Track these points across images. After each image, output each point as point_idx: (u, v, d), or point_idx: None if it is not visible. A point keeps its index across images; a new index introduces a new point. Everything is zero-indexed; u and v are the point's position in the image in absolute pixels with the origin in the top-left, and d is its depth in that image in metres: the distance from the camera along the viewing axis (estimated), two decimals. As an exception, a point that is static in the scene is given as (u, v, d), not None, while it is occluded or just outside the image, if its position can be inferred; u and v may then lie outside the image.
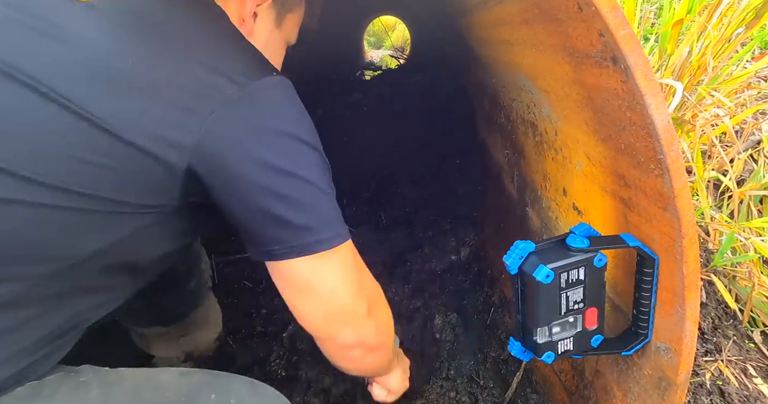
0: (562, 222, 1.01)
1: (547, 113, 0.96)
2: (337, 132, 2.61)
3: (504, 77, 1.22)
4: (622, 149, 0.67)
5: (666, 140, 0.56)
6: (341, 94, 2.91)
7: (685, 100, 1.44)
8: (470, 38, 1.41)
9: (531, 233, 1.21)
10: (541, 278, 0.66)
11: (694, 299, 0.63)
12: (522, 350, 0.76)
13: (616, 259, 0.80)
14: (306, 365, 1.25)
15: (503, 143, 1.47)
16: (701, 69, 1.45)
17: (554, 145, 0.99)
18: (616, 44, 0.55)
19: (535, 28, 0.78)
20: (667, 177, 0.58)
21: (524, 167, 1.25)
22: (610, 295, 0.82)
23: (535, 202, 1.17)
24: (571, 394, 1.00)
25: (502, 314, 1.41)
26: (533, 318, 0.71)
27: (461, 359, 1.36)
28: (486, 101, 1.63)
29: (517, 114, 1.23)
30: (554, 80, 0.83)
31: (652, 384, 0.72)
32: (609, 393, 0.84)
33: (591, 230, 0.74)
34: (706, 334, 1.16)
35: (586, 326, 0.73)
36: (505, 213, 1.45)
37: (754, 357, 1.13)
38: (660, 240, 0.65)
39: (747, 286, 1.21)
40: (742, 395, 1.03)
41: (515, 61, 1.03)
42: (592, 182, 0.84)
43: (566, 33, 0.67)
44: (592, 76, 0.66)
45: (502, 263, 0.71)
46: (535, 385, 1.18)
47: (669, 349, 0.68)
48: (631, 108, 0.60)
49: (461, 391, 1.27)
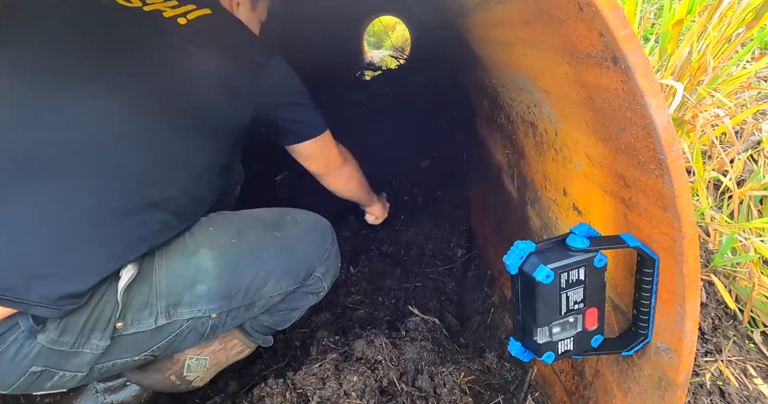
0: (562, 222, 1.01)
1: (548, 113, 0.96)
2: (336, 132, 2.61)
3: (504, 77, 1.22)
4: (623, 150, 0.67)
5: (666, 141, 0.56)
6: (341, 94, 2.92)
7: (685, 100, 1.44)
8: (470, 38, 1.41)
9: (531, 233, 1.21)
10: (541, 279, 0.66)
11: (694, 299, 0.63)
12: (522, 350, 0.76)
13: (616, 259, 0.80)
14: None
15: (503, 143, 1.47)
16: (701, 69, 1.45)
17: (554, 145, 0.99)
18: (617, 44, 0.55)
19: (535, 28, 0.78)
20: (667, 177, 0.58)
21: (524, 167, 1.25)
22: (611, 295, 0.82)
23: (536, 202, 1.17)
24: (571, 394, 1.00)
25: (502, 314, 1.41)
26: (533, 318, 0.70)
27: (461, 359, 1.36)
28: (486, 100, 1.63)
29: (517, 114, 1.23)
30: (554, 80, 0.83)
31: (652, 384, 0.72)
32: (609, 394, 0.84)
33: (591, 231, 0.74)
34: (706, 334, 1.16)
35: (586, 326, 0.73)
36: (505, 213, 1.45)
37: (754, 358, 1.13)
38: (660, 240, 0.65)
39: (747, 286, 1.21)
40: (742, 395, 1.03)
41: (515, 62, 1.03)
42: (592, 182, 0.84)
43: (566, 33, 0.67)
44: (593, 77, 0.66)
45: (502, 263, 0.71)
46: (535, 385, 1.18)
47: (669, 349, 0.68)
48: (632, 108, 0.60)
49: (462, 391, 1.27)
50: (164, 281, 0.89)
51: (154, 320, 0.89)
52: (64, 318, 0.79)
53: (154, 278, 0.89)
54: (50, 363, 0.81)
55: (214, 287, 0.94)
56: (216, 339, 1.15)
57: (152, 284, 0.89)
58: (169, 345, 0.95)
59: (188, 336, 0.96)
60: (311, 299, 1.17)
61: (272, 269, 1.01)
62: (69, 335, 0.80)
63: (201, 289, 0.93)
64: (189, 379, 1.12)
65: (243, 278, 0.98)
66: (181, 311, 0.92)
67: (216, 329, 1.00)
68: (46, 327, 0.79)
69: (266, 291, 1.02)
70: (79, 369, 0.85)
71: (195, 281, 0.92)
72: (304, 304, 1.17)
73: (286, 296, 1.09)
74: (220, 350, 1.16)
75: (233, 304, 0.98)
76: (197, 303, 0.93)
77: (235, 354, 1.20)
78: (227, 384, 1.25)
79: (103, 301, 0.83)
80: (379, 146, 2.46)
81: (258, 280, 1.00)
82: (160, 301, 0.89)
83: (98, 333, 0.83)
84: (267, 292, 1.03)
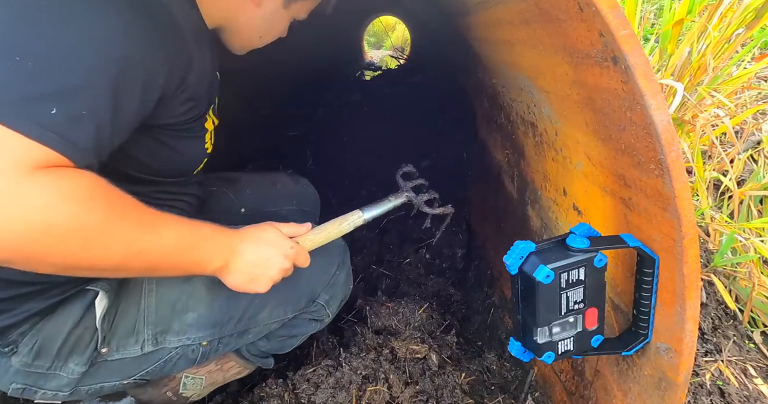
0: (562, 222, 1.01)
1: (548, 113, 0.96)
2: (336, 132, 2.61)
3: (504, 77, 1.22)
4: (623, 150, 0.67)
5: (666, 141, 0.56)
6: (341, 94, 2.92)
7: (685, 100, 1.44)
8: (470, 38, 1.41)
9: (531, 233, 1.21)
10: (541, 279, 0.66)
11: (694, 299, 0.62)
12: (522, 350, 0.76)
13: (616, 259, 0.80)
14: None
15: (503, 143, 1.47)
16: (701, 69, 1.46)
17: (554, 145, 0.99)
18: (617, 44, 0.55)
19: (535, 28, 0.78)
20: (667, 177, 0.58)
21: (524, 167, 1.25)
22: (611, 295, 0.82)
23: (536, 202, 1.17)
24: (571, 394, 0.99)
25: (502, 314, 1.41)
26: (533, 318, 0.70)
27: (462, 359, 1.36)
28: (486, 100, 1.63)
29: (517, 114, 1.23)
30: (554, 80, 0.83)
31: (652, 384, 0.72)
32: (609, 394, 0.84)
33: (591, 231, 0.74)
34: (706, 334, 1.16)
35: (586, 326, 0.73)
36: (505, 213, 1.45)
37: (754, 358, 1.13)
38: (660, 240, 0.65)
39: (747, 286, 1.21)
40: (742, 395, 1.03)
41: (515, 62, 1.03)
42: (592, 182, 0.84)
43: (567, 33, 0.67)
44: (593, 77, 0.66)
45: (502, 263, 0.71)
46: (535, 385, 1.18)
47: (669, 349, 0.68)
48: (632, 108, 0.60)
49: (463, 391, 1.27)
50: (153, 307, 0.87)
51: (140, 347, 0.87)
52: (38, 341, 0.78)
53: (143, 305, 0.86)
54: (29, 382, 0.81)
55: (205, 315, 0.90)
56: (212, 361, 1.10)
57: (140, 310, 0.86)
58: (159, 370, 0.92)
59: (178, 362, 0.93)
60: (314, 326, 1.09)
61: (269, 295, 0.90)
62: (43, 359, 0.79)
63: (191, 317, 0.89)
64: (185, 396, 1.10)
65: (237, 305, 0.93)
66: (170, 339, 0.89)
67: (208, 355, 0.96)
68: (19, 350, 0.78)
69: (261, 318, 0.97)
70: (59, 389, 0.83)
71: (186, 308, 0.88)
72: (305, 331, 1.10)
73: (285, 322, 1.03)
74: (217, 370, 1.12)
75: (225, 331, 0.94)
76: (186, 331, 0.89)
77: (233, 375, 1.16)
78: (228, 383, 1.25)
79: (81, 326, 0.81)
80: (379, 146, 2.46)
81: (253, 307, 0.95)
82: (147, 328, 0.86)
83: (76, 358, 0.82)
84: (262, 319, 0.97)
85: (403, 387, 1.13)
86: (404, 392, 1.12)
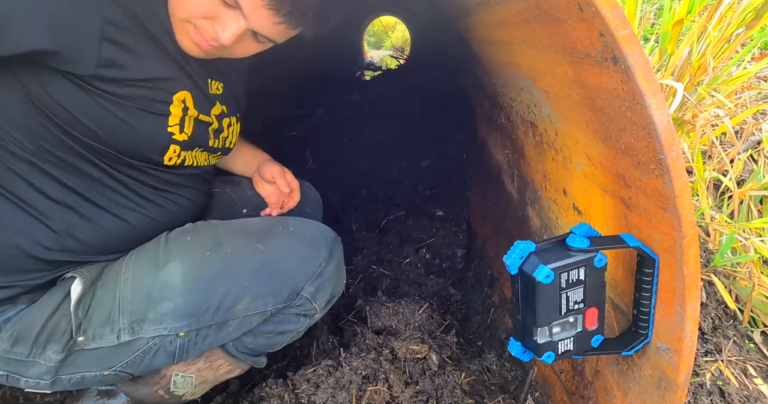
0: (562, 222, 1.01)
1: (547, 113, 0.97)
2: (336, 132, 2.61)
3: (504, 77, 1.22)
4: (623, 149, 0.67)
5: (666, 140, 0.56)
6: (341, 94, 2.91)
7: (685, 100, 1.44)
8: (470, 38, 1.41)
9: (531, 233, 1.21)
10: (541, 279, 0.66)
11: (694, 299, 0.63)
12: (522, 350, 0.76)
13: (616, 259, 0.80)
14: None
15: (503, 143, 1.47)
16: (701, 69, 1.46)
17: (554, 145, 0.99)
18: (617, 44, 0.55)
19: (535, 28, 0.78)
20: (667, 177, 0.58)
21: (524, 167, 1.25)
22: (611, 295, 0.82)
23: (535, 202, 1.17)
24: (571, 394, 1.00)
25: (502, 314, 1.41)
26: (533, 318, 0.70)
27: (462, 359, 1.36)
28: (486, 100, 1.63)
29: (517, 114, 1.23)
30: (554, 80, 0.83)
31: (652, 384, 0.72)
32: (609, 394, 0.84)
33: (591, 230, 0.74)
34: (706, 334, 1.16)
35: (586, 326, 0.73)
36: (505, 213, 1.45)
37: (754, 358, 1.13)
38: (660, 240, 0.65)
39: (747, 286, 1.21)
40: (742, 395, 1.03)
41: (515, 62, 1.03)
42: (592, 182, 0.84)
43: (566, 33, 0.67)
44: (593, 77, 0.66)
45: (502, 263, 0.71)
46: (535, 385, 1.18)
47: (669, 349, 0.68)
48: (632, 108, 0.60)
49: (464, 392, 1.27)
50: (128, 296, 0.87)
51: (116, 336, 0.87)
52: (18, 328, 0.81)
53: (118, 294, 0.87)
54: (11, 369, 0.83)
55: (181, 304, 0.89)
56: (201, 358, 1.08)
57: (116, 298, 0.87)
58: (139, 362, 0.92)
59: (157, 354, 0.92)
60: (303, 322, 1.05)
61: (248, 285, 0.91)
62: (22, 346, 0.82)
63: (167, 306, 0.89)
64: (178, 394, 1.08)
65: (213, 295, 0.91)
66: (146, 328, 0.88)
67: (188, 349, 0.94)
68: (0, 336, 0.81)
69: (239, 310, 0.94)
70: (39, 377, 0.85)
71: (161, 297, 0.88)
72: (294, 327, 1.05)
73: (270, 317, 1.00)
74: (206, 368, 1.10)
75: (202, 322, 0.92)
76: (162, 321, 0.89)
77: (223, 373, 1.13)
78: (228, 383, 1.25)
79: (58, 313, 0.83)
80: (379, 146, 2.46)
81: (230, 297, 0.92)
82: (123, 317, 0.87)
83: (54, 345, 0.83)
84: (240, 311, 0.94)
85: (403, 387, 1.13)
86: (404, 392, 1.12)
